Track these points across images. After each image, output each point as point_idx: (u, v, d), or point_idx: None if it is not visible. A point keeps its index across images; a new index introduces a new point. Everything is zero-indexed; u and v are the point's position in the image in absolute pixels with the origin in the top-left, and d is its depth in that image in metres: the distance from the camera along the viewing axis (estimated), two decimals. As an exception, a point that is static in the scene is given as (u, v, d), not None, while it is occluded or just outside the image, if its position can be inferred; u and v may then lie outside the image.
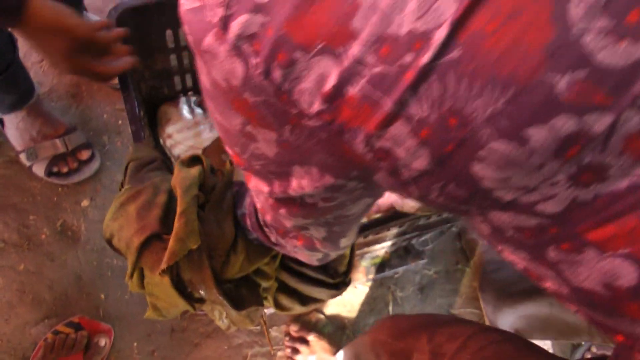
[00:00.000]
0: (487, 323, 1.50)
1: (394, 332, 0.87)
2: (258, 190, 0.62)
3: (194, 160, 0.92)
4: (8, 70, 1.33)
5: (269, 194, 0.60)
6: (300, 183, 0.54)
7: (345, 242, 0.74)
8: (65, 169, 1.55)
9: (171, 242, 0.82)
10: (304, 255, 0.77)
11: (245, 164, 0.57)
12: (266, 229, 0.76)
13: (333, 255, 0.79)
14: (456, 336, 0.76)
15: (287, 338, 1.48)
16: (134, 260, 0.86)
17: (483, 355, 0.70)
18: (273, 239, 0.76)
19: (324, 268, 0.97)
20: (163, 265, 0.83)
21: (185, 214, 0.83)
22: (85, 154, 1.57)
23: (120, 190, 0.97)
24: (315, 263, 0.81)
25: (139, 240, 0.85)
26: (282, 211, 0.62)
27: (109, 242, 0.91)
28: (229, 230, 0.88)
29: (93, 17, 1.69)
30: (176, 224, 0.83)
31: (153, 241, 0.85)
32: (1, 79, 1.33)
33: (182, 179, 0.87)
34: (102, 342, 1.44)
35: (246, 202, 0.83)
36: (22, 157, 1.56)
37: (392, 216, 1.05)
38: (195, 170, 0.89)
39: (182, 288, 0.88)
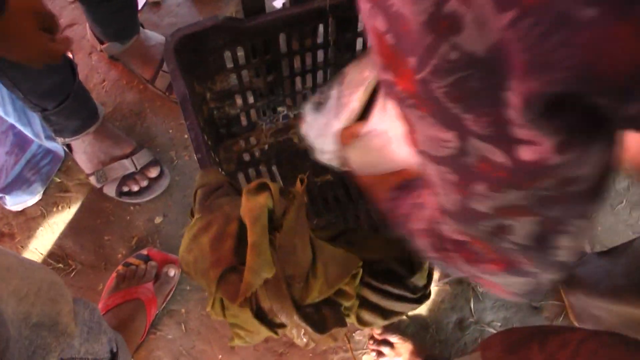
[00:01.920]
0: (573, 318, 1.46)
1: (505, 347, 0.84)
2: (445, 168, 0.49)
3: (261, 187, 0.91)
4: (68, 98, 1.36)
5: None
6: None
7: (566, 246, 0.52)
8: (135, 188, 1.58)
9: (246, 275, 0.82)
10: (501, 290, 0.62)
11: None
12: (451, 253, 0.62)
13: (545, 281, 0.58)
14: (567, 342, 0.73)
15: (371, 341, 1.47)
16: (213, 292, 0.86)
17: (597, 359, 0.68)
18: (459, 263, 0.62)
19: (404, 283, 0.96)
20: (240, 298, 0.83)
21: (256, 245, 0.83)
22: (154, 172, 1.59)
23: (190, 218, 0.98)
24: (518, 298, 0.63)
25: (215, 273, 0.85)
26: (480, 187, 0.48)
27: (187, 273, 0.92)
28: (305, 254, 0.87)
29: (150, 33, 1.71)
30: (248, 257, 0.83)
31: (229, 273, 0.86)
32: (64, 106, 1.36)
33: (250, 208, 0.87)
34: (172, 272, 1.50)
35: (418, 216, 0.70)
36: (92, 180, 1.59)
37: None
38: (262, 198, 0.88)
39: (262, 316, 0.88)
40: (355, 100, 0.96)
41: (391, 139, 0.87)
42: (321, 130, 1.02)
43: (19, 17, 0.96)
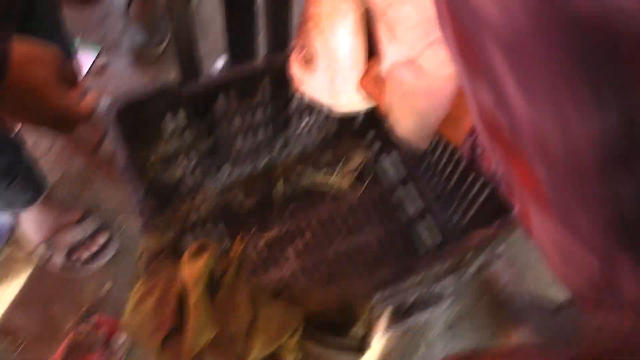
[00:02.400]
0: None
1: None
2: None
3: (202, 248, 0.93)
4: (17, 177, 1.36)
5: None
6: None
7: None
8: (84, 255, 1.58)
9: (188, 336, 0.84)
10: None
11: None
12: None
13: None
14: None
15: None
16: (157, 356, 0.87)
17: None
18: None
19: (345, 334, 0.98)
20: None
21: (197, 306, 0.85)
22: (102, 238, 1.60)
23: (135, 283, 0.99)
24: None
25: (159, 337, 0.86)
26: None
27: (133, 339, 0.93)
28: (247, 312, 0.89)
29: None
30: (190, 318, 0.85)
31: (172, 336, 0.87)
32: (12, 185, 1.36)
33: (191, 270, 0.89)
34: (122, 338, 1.46)
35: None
36: (41, 249, 1.58)
37: (405, 270, 1.06)
38: (203, 259, 0.90)
39: (208, 376, 0.89)
40: (350, 39, 0.81)
41: (421, 66, 0.73)
42: (332, 90, 0.88)
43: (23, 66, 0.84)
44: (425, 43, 0.71)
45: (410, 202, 1.55)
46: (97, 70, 1.90)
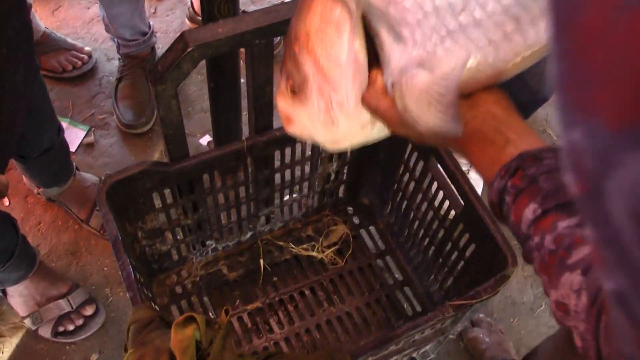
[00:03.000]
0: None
1: None
2: None
3: (189, 320, 0.98)
4: (12, 257, 1.42)
5: None
6: None
7: None
8: (71, 327, 1.61)
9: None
10: None
11: None
12: None
13: None
14: None
15: None
16: None
17: None
18: None
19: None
20: None
21: (185, 377, 0.89)
22: (89, 310, 1.63)
23: (124, 354, 1.03)
24: None
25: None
26: None
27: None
28: (231, 381, 0.93)
29: (85, 174, 1.79)
30: (179, 387, 0.89)
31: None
32: (8, 265, 1.42)
33: (178, 341, 0.93)
34: None
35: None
36: (28, 322, 1.61)
37: (385, 338, 1.10)
38: (190, 330, 0.95)
39: None
40: (347, 48, 0.72)
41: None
42: (327, 119, 0.78)
43: None
44: (436, 38, 0.66)
45: (390, 273, 1.60)
46: (85, 147, 1.97)
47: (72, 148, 1.93)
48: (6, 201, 1.84)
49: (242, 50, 1.17)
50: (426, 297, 1.53)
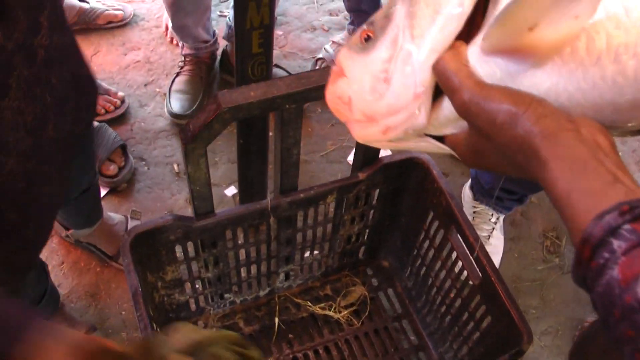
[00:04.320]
0: None
1: None
2: None
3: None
4: (42, 300, 1.45)
5: None
6: None
7: None
8: (85, 371, 1.62)
9: None
10: None
11: None
12: None
13: None
14: None
15: None
16: None
17: None
18: None
19: None
20: None
21: None
22: (105, 354, 1.64)
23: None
24: None
25: None
26: None
27: None
28: None
29: (112, 214, 1.83)
30: None
31: None
32: (39, 307, 1.45)
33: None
34: None
35: None
36: (45, 362, 1.63)
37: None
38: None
39: None
40: None
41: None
42: (382, 71, 0.64)
43: None
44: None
45: (405, 336, 1.60)
46: (118, 193, 2.01)
47: (102, 192, 1.97)
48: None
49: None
50: (441, 364, 1.53)
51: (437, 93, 0.63)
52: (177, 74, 2.22)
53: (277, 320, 1.56)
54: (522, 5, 0.52)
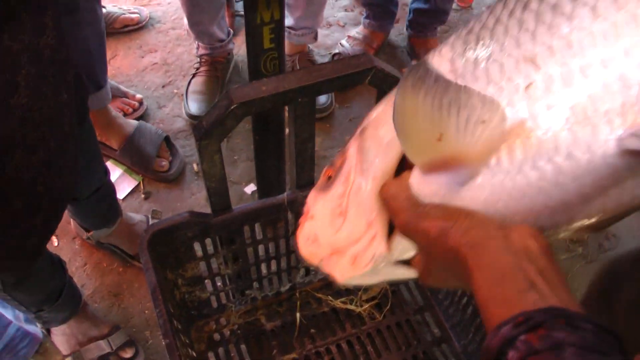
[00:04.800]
0: None
1: None
2: None
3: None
4: (60, 296, 1.47)
5: None
6: None
7: None
8: (109, 370, 1.64)
9: None
10: None
11: None
12: None
13: None
14: None
15: None
16: None
17: None
18: None
19: None
20: None
21: None
22: (129, 352, 1.66)
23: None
24: None
25: None
26: None
27: None
28: None
29: (131, 214, 1.85)
30: None
31: None
32: (57, 304, 1.47)
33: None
34: None
35: None
36: (68, 361, 1.65)
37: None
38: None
39: None
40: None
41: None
42: (338, 205, 0.71)
43: None
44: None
45: (428, 329, 1.59)
46: (133, 193, 2.02)
47: (122, 195, 1.99)
48: (55, 241, 1.89)
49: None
50: (464, 356, 1.51)
51: None
52: (194, 75, 2.23)
53: (298, 315, 1.56)
54: (411, 119, 0.60)
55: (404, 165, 0.67)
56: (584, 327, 0.47)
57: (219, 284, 1.46)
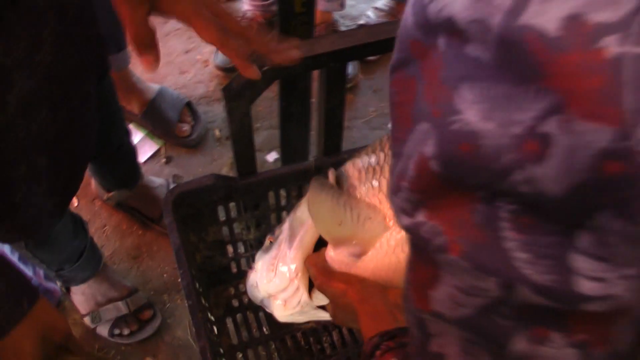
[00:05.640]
0: None
1: None
2: None
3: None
4: (82, 256, 1.49)
5: None
6: None
7: None
8: (126, 331, 1.64)
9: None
10: None
11: None
12: None
13: None
14: None
15: None
16: None
17: None
18: None
19: None
20: None
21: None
22: (147, 314, 1.67)
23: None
24: None
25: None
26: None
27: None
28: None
29: (152, 177, 1.85)
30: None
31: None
32: (77, 265, 1.48)
33: None
34: None
35: None
36: (87, 320, 1.66)
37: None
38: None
39: None
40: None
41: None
42: (271, 264, 1.05)
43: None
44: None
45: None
46: (155, 157, 2.02)
47: (143, 158, 1.98)
48: (75, 202, 1.89)
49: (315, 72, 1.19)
50: None
51: None
52: None
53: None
54: (319, 209, 0.93)
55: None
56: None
57: (240, 249, 1.46)
